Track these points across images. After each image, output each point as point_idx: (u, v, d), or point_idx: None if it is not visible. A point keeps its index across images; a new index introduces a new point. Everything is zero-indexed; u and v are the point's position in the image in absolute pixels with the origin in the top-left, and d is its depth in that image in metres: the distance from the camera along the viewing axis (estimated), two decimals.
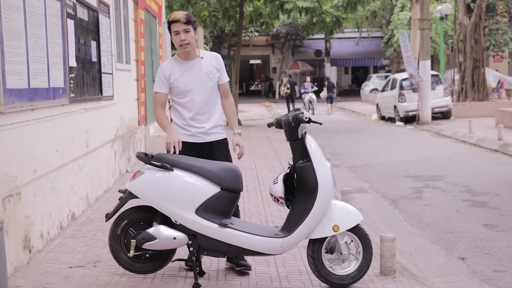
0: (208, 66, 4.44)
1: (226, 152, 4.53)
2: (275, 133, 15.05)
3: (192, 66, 4.42)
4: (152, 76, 12.12)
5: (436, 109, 19.63)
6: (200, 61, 4.44)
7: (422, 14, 19.36)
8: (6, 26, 4.36)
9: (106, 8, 7.92)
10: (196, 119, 4.40)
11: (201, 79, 4.40)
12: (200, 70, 4.41)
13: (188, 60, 4.42)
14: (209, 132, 4.43)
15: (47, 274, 4.42)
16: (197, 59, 4.44)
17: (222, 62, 4.56)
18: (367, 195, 8.17)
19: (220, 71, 4.51)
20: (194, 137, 4.41)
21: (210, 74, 4.43)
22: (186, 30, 4.31)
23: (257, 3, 19.58)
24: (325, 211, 4.01)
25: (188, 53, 4.40)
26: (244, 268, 4.42)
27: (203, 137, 4.42)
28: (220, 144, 4.50)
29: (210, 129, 4.43)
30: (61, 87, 5.71)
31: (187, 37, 4.31)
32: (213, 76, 4.45)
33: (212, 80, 4.44)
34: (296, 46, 44.51)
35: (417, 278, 4.69)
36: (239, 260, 4.44)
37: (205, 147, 4.43)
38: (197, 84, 4.39)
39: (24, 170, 4.77)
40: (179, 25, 4.31)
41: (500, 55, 32.89)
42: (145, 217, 4.17)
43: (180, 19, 4.30)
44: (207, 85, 4.42)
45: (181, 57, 4.45)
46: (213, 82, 4.45)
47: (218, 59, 4.53)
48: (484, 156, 11.74)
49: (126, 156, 8.96)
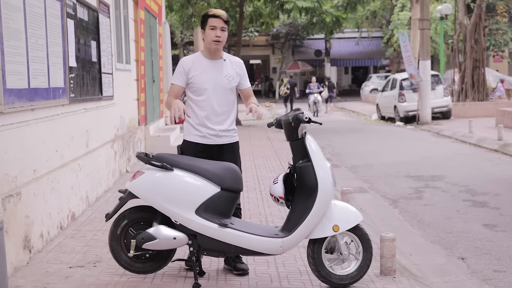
0: (229, 69, 4.41)
1: (236, 156, 4.48)
2: (275, 133, 15.06)
3: (214, 66, 4.38)
4: (152, 76, 12.12)
5: (436, 109, 19.64)
6: (222, 63, 4.41)
7: (422, 14, 19.37)
8: (6, 26, 4.36)
9: (106, 8, 7.92)
10: (209, 119, 4.35)
11: (220, 80, 4.36)
12: (221, 71, 4.38)
13: (212, 59, 4.39)
14: (220, 135, 4.37)
15: (47, 274, 4.42)
16: (220, 60, 4.41)
17: (244, 68, 4.52)
18: (367, 195, 8.17)
19: (242, 76, 4.48)
20: (205, 139, 4.36)
21: (229, 77, 4.40)
22: (223, 28, 4.30)
23: (257, 3, 19.60)
24: (325, 211, 4.01)
25: (215, 51, 4.36)
26: (242, 272, 4.41)
27: (214, 139, 4.36)
28: (231, 147, 4.45)
29: (222, 131, 4.37)
30: (61, 87, 5.71)
31: (222, 36, 4.30)
32: (232, 80, 4.41)
33: (230, 83, 4.40)
34: (296, 46, 44.51)
35: (417, 278, 4.69)
36: (236, 263, 4.43)
37: (216, 149, 4.38)
38: (215, 84, 4.35)
39: (24, 170, 4.77)
40: (219, 21, 4.29)
41: (500, 55, 32.89)
42: (145, 217, 4.17)
43: (221, 16, 4.29)
44: (225, 87, 4.37)
45: (205, 54, 4.40)
46: (231, 85, 4.41)
47: (240, 64, 4.50)
48: (484, 156, 11.74)
49: (126, 156, 8.96)
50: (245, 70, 4.53)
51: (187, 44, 33.26)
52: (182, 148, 4.43)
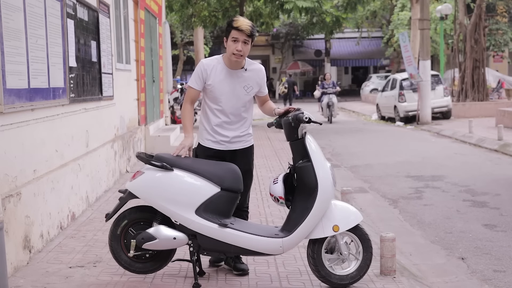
0: (249, 80, 4.31)
1: (250, 161, 4.45)
2: (275, 133, 15.05)
3: (233, 76, 4.27)
4: (152, 76, 12.12)
5: (436, 109, 19.63)
6: (242, 73, 4.29)
7: (422, 14, 19.36)
8: (6, 26, 4.36)
9: (106, 8, 7.92)
10: (223, 127, 4.30)
11: (238, 91, 4.27)
12: (239, 82, 4.28)
13: (232, 69, 4.28)
14: (233, 141, 4.33)
15: (47, 274, 4.42)
16: (241, 71, 4.28)
17: (264, 75, 4.43)
18: (367, 195, 8.17)
19: (261, 84, 4.39)
20: (218, 144, 4.32)
21: (248, 88, 4.31)
22: (245, 41, 4.17)
23: (257, 3, 19.60)
24: (325, 211, 4.01)
25: (237, 63, 4.27)
26: (242, 272, 4.41)
27: (226, 145, 4.32)
28: (245, 152, 4.40)
29: (234, 137, 4.32)
30: (61, 87, 5.71)
31: (244, 49, 4.17)
32: (251, 91, 4.32)
33: (249, 94, 4.32)
34: (296, 46, 44.51)
35: (417, 278, 4.69)
36: (236, 263, 4.43)
37: (228, 154, 4.34)
38: (232, 95, 4.26)
39: (24, 170, 4.77)
40: (241, 35, 4.14)
41: (500, 55, 32.86)
42: (145, 217, 4.17)
43: (245, 30, 4.13)
44: (242, 98, 4.29)
45: (226, 62, 4.27)
46: (249, 96, 4.33)
47: (261, 72, 4.39)
48: (484, 156, 11.73)
49: (126, 156, 8.96)
50: (265, 78, 4.43)
51: (187, 44, 33.24)
52: (196, 151, 4.40)
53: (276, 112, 4.31)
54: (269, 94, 26.81)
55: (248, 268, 4.45)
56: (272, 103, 4.51)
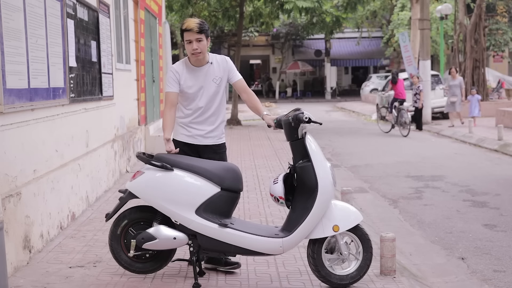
0: (216, 71, 4.45)
1: (223, 158, 4.54)
2: (275, 133, 15.05)
3: (200, 72, 4.42)
4: (152, 76, 12.12)
5: (436, 109, 19.62)
6: (209, 68, 4.44)
7: (422, 14, 19.36)
8: (6, 26, 4.36)
9: (106, 8, 7.92)
10: (197, 122, 4.43)
11: (207, 85, 4.41)
12: (207, 77, 4.42)
13: (197, 66, 4.43)
14: (207, 136, 4.44)
15: (47, 274, 4.42)
16: (206, 65, 4.44)
17: (231, 63, 4.53)
18: (367, 195, 8.17)
19: (230, 71, 4.49)
20: (191, 138, 4.43)
21: (217, 80, 4.44)
22: (198, 39, 4.30)
23: (257, 3, 19.58)
24: (325, 211, 4.01)
25: (198, 61, 4.41)
26: (235, 265, 4.44)
27: (200, 139, 4.43)
28: (218, 149, 4.51)
29: (208, 132, 4.44)
30: (61, 87, 5.71)
31: (199, 46, 4.31)
32: (221, 81, 4.45)
33: (219, 86, 4.45)
34: (296, 46, 44.49)
35: (417, 278, 4.69)
36: (226, 259, 4.46)
37: (201, 149, 4.44)
38: (203, 90, 4.41)
39: (24, 170, 4.77)
40: (191, 34, 4.30)
41: (500, 55, 32.85)
42: (145, 217, 4.17)
43: (192, 29, 4.29)
44: (213, 91, 4.43)
45: (191, 62, 4.45)
46: (220, 88, 4.46)
47: (225, 61, 4.50)
48: (484, 156, 11.74)
49: (126, 156, 8.96)
50: (231, 65, 4.53)
51: None
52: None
53: (265, 120, 4.32)
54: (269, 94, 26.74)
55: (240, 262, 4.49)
56: (259, 102, 4.51)
